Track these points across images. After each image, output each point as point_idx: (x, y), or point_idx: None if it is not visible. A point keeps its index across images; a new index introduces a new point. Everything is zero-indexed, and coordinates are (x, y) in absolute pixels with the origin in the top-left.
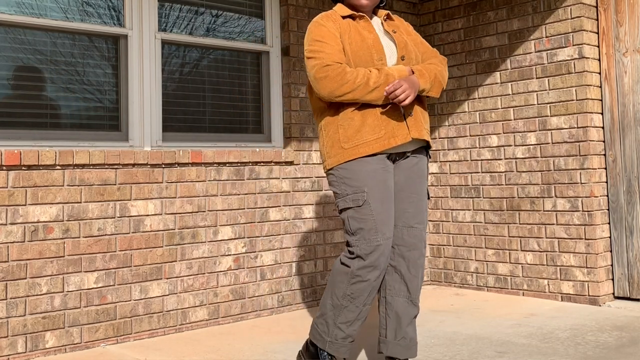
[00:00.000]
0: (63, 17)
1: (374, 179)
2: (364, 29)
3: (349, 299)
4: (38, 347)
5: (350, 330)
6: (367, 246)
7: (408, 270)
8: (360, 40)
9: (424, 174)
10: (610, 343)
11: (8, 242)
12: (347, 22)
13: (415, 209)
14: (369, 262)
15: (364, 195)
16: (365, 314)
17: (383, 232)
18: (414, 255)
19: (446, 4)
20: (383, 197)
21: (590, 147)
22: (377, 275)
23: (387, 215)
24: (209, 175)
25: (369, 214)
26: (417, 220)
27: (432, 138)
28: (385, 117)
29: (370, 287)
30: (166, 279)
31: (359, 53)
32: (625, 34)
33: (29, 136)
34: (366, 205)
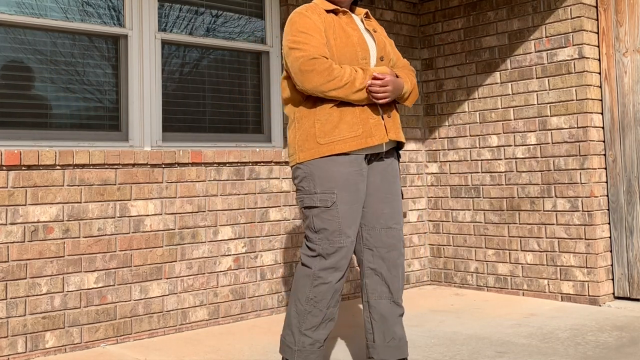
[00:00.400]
0: (63, 17)
1: (345, 181)
2: (347, 25)
3: (312, 303)
4: (38, 347)
5: (317, 336)
6: (330, 247)
7: (389, 272)
8: (345, 37)
9: (397, 174)
10: (610, 343)
11: (8, 242)
12: (331, 17)
13: (392, 209)
14: (330, 263)
15: (333, 197)
16: (331, 317)
17: (347, 234)
18: (394, 255)
19: (446, 4)
20: (352, 200)
21: (590, 147)
22: (338, 278)
23: (353, 218)
24: (209, 175)
25: (336, 215)
26: (395, 221)
27: (432, 138)
28: (363, 116)
29: (333, 289)
30: (166, 279)
31: (344, 50)
32: (625, 34)
33: (29, 136)
34: (334, 207)
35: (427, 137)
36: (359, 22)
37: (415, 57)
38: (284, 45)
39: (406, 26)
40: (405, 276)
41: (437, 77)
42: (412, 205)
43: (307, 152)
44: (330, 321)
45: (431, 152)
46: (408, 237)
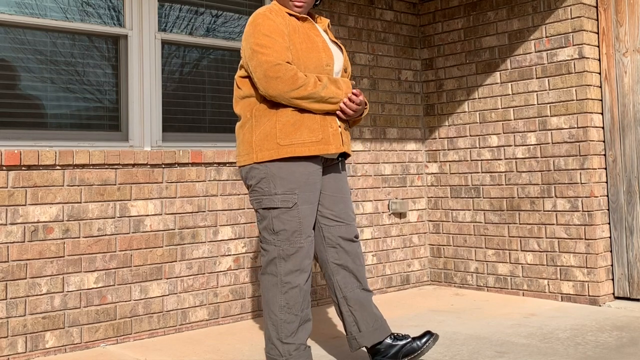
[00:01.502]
0: (63, 17)
1: (307, 182)
2: (310, 31)
3: (285, 310)
4: (38, 347)
5: (298, 340)
6: (290, 247)
7: (354, 263)
8: (309, 42)
9: (346, 174)
10: (610, 343)
11: (8, 242)
12: (294, 21)
13: (348, 208)
14: (294, 265)
15: (295, 197)
16: (306, 319)
17: (307, 233)
18: (354, 247)
19: (446, 4)
20: (311, 199)
21: (590, 147)
22: (305, 279)
23: (312, 217)
24: (209, 175)
25: (296, 216)
26: (351, 218)
27: (432, 138)
28: (323, 123)
29: (303, 291)
30: (166, 279)
31: (309, 55)
32: (625, 34)
33: (29, 136)
34: (295, 207)
35: (427, 137)
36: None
37: (415, 57)
38: (246, 47)
39: (406, 26)
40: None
41: (437, 77)
42: (412, 205)
43: (265, 152)
44: (307, 322)
45: (431, 152)
46: (408, 237)
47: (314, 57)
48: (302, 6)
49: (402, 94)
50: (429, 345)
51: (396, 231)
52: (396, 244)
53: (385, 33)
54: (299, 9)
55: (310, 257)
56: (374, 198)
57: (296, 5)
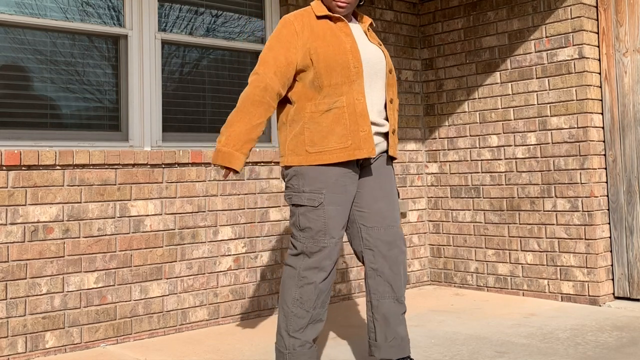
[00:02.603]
0: (63, 17)
1: (335, 183)
2: (341, 31)
3: (298, 304)
4: (38, 347)
5: (305, 336)
6: (314, 246)
7: (390, 270)
8: (337, 43)
9: (392, 174)
10: (610, 343)
11: (8, 242)
12: (323, 23)
13: (390, 208)
14: (314, 263)
15: (321, 197)
16: (318, 318)
17: (332, 235)
18: (394, 253)
19: (446, 4)
20: (339, 201)
21: (590, 147)
22: (323, 278)
23: (339, 219)
24: (209, 175)
25: (322, 215)
26: (393, 219)
27: (432, 138)
28: (353, 128)
29: (318, 290)
30: (166, 279)
31: (335, 57)
32: (625, 34)
33: (29, 136)
34: (321, 207)
35: (427, 137)
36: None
37: (415, 57)
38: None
39: (406, 26)
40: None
41: (437, 77)
42: (412, 205)
43: (295, 158)
44: (318, 322)
45: (431, 152)
46: (408, 237)
47: (340, 60)
48: (344, 7)
49: (402, 94)
50: None
51: None
52: None
53: (385, 33)
54: (342, 9)
55: (331, 259)
56: None
57: (339, 5)
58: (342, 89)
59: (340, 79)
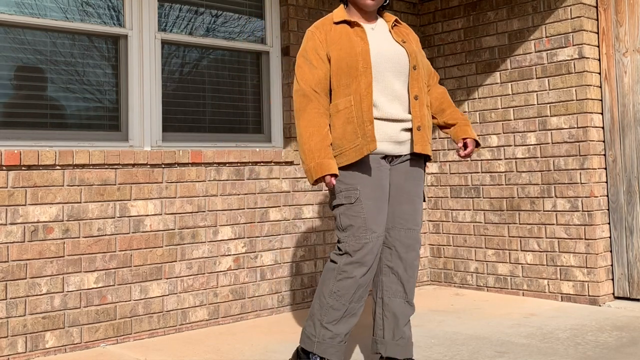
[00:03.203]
0: (63, 17)
1: (367, 178)
2: (356, 35)
3: (335, 297)
4: (38, 347)
5: (337, 329)
6: (356, 243)
7: (405, 272)
8: (349, 47)
9: (421, 176)
10: (610, 343)
11: (8, 242)
12: (340, 28)
13: (413, 211)
14: (356, 259)
15: (357, 192)
16: (353, 312)
17: (372, 230)
18: (411, 256)
19: (446, 4)
20: (376, 196)
21: (590, 147)
22: (363, 272)
23: (378, 213)
24: (209, 175)
25: (360, 211)
26: (415, 222)
27: (432, 138)
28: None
29: (357, 284)
30: (166, 279)
31: (345, 60)
32: (625, 34)
33: (29, 136)
34: (358, 202)
35: None
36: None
37: None
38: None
39: None
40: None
41: None
42: None
43: None
44: (352, 316)
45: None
46: None
47: (351, 62)
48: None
49: None
50: None
51: None
52: None
53: None
54: (372, 3)
55: (373, 254)
56: None
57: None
58: (349, 89)
59: (348, 80)
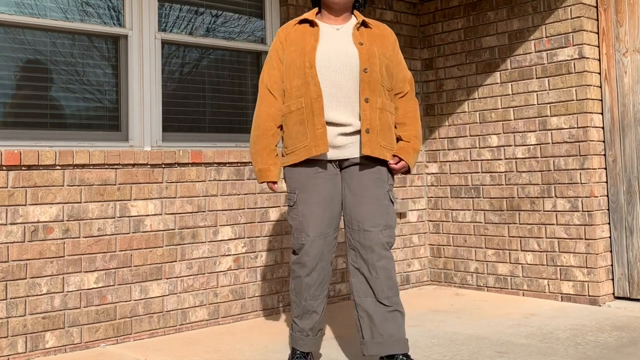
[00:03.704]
0: (63, 17)
1: (306, 183)
2: (310, 35)
3: (293, 294)
4: (38, 347)
5: (302, 324)
6: (296, 242)
7: (369, 272)
8: (302, 47)
9: (381, 177)
10: (610, 343)
11: (8, 242)
12: (301, 29)
13: (368, 213)
14: (297, 258)
15: (295, 196)
16: (311, 309)
17: (307, 233)
18: (372, 257)
19: (446, 4)
20: (313, 201)
21: (590, 147)
22: (306, 273)
23: (315, 217)
24: (209, 175)
25: (297, 214)
26: (372, 224)
27: (432, 138)
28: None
29: (303, 283)
30: (166, 279)
31: (295, 61)
32: (625, 34)
33: (29, 136)
34: (295, 206)
35: (427, 137)
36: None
37: (415, 57)
38: None
39: (406, 26)
40: (395, 276)
41: (437, 77)
42: (412, 205)
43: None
44: (312, 313)
45: (431, 152)
46: (408, 237)
47: (299, 62)
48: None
49: None
50: None
51: (396, 231)
52: (396, 244)
53: None
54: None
55: (310, 256)
56: None
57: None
58: (301, 91)
59: (299, 81)
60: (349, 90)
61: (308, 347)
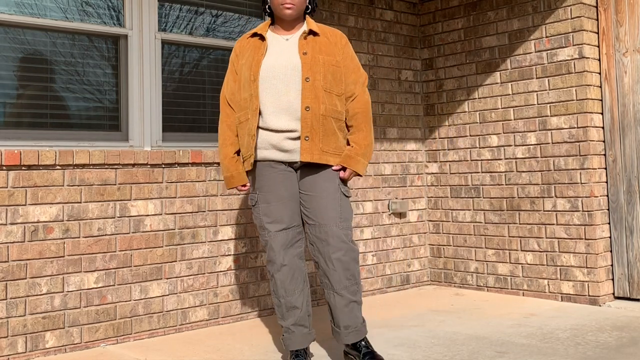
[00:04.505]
0: (63, 17)
1: (265, 183)
2: (258, 49)
3: (274, 295)
4: (38, 347)
5: (287, 324)
6: (262, 240)
7: (326, 264)
8: (250, 60)
9: (328, 173)
10: (610, 343)
11: (8, 242)
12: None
13: (322, 207)
14: (267, 257)
15: (256, 196)
16: (291, 305)
17: (268, 229)
18: (328, 250)
19: (446, 4)
20: (270, 198)
21: (590, 147)
22: (276, 269)
23: (275, 214)
24: (209, 175)
25: (259, 212)
26: (326, 218)
27: (432, 138)
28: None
29: (277, 280)
30: (166, 279)
31: (244, 73)
32: (625, 34)
33: (29, 136)
34: (257, 205)
35: (427, 137)
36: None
37: (415, 57)
38: None
39: (406, 26)
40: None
41: (437, 77)
42: (412, 205)
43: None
44: (293, 309)
45: (431, 152)
46: (408, 237)
47: (246, 74)
48: (292, 8)
49: (402, 94)
50: None
51: (396, 231)
52: (396, 244)
53: (385, 33)
54: (290, 10)
55: (274, 250)
56: (374, 198)
57: (286, 7)
58: (247, 103)
59: (246, 94)
60: (293, 99)
61: (296, 344)
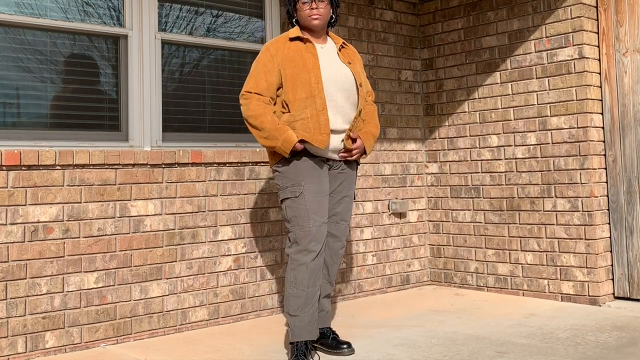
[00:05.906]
0: (63, 17)
1: (310, 174)
2: (307, 52)
3: (294, 286)
4: (38, 347)
5: (304, 315)
6: (300, 231)
7: (330, 257)
8: (302, 63)
9: (353, 179)
10: (610, 343)
11: (8, 242)
12: (294, 45)
13: (344, 209)
14: (303, 246)
15: (302, 187)
16: (313, 297)
17: (315, 219)
18: (337, 245)
19: (446, 4)
20: (316, 190)
21: (590, 147)
22: (312, 258)
23: (319, 205)
24: (209, 175)
25: (304, 203)
26: (344, 218)
27: (432, 138)
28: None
29: (309, 270)
30: (166, 279)
31: (299, 75)
32: (625, 34)
33: (29, 136)
34: (302, 196)
35: (427, 137)
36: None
37: (415, 57)
38: None
39: (406, 26)
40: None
41: (437, 77)
42: (412, 205)
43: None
44: (313, 301)
45: (431, 152)
46: (408, 237)
47: (304, 78)
48: (318, 18)
49: (402, 94)
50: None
51: (396, 231)
52: (396, 244)
53: (385, 33)
54: (317, 21)
55: (318, 240)
56: (374, 198)
57: (313, 18)
58: (306, 102)
59: (304, 94)
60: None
61: (312, 335)
